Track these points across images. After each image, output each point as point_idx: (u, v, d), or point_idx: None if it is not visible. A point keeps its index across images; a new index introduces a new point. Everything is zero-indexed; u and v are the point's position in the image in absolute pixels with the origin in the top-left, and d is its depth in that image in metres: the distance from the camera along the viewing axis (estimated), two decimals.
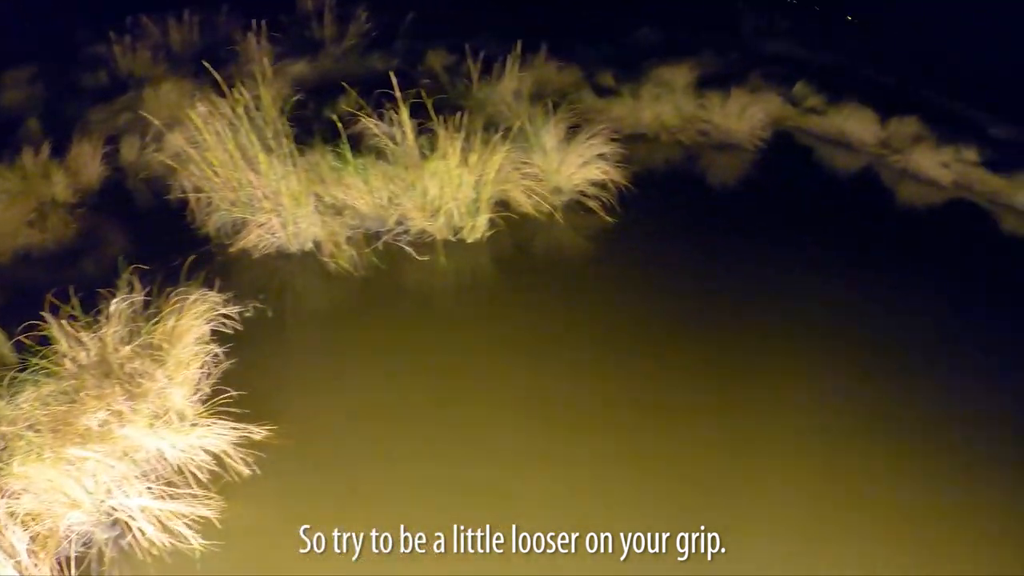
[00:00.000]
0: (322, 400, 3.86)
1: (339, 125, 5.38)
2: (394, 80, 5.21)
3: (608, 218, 5.94)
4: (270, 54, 7.39)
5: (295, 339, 4.43)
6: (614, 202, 6.04)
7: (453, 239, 5.69)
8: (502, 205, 5.96)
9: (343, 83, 6.23)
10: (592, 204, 6.04)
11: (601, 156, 6.28)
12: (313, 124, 6.03)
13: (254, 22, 7.74)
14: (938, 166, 8.46)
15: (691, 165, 7.24)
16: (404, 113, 5.48)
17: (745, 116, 7.67)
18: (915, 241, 7.12)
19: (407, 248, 5.40)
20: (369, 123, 5.73)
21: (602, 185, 6.16)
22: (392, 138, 5.66)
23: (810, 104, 8.86)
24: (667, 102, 7.66)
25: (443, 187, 5.67)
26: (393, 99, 5.34)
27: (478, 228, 5.77)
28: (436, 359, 4.32)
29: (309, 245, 5.34)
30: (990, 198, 8.81)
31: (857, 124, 8.55)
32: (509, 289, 5.21)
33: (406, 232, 5.62)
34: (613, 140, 6.35)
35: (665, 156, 7.26)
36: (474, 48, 7.12)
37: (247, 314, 4.24)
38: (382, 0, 9.26)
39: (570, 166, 6.26)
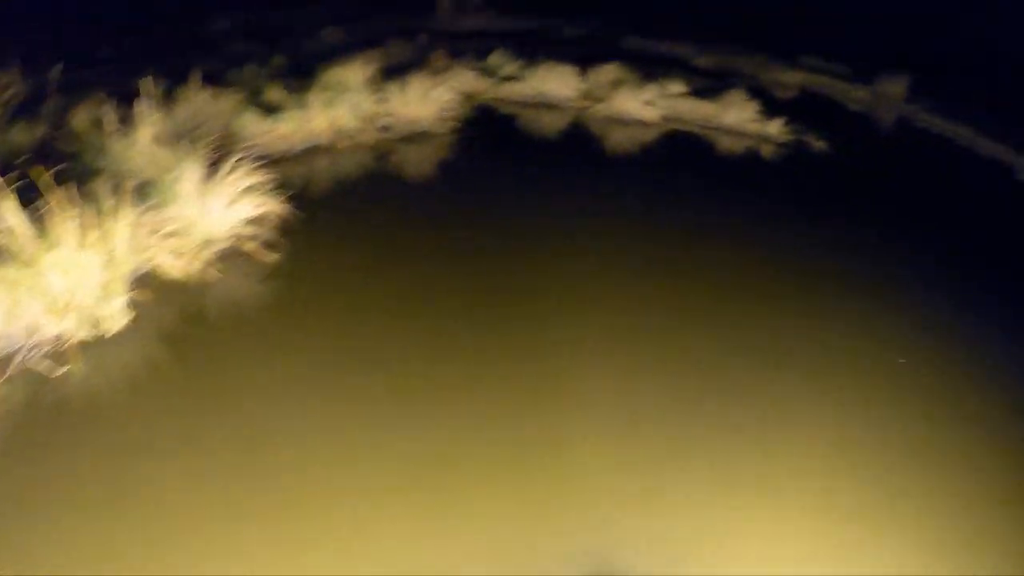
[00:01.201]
0: None
1: None
2: None
3: (271, 258, 4.89)
4: None
5: None
6: (277, 237, 5.00)
7: (92, 338, 4.36)
8: (146, 278, 4.72)
9: None
10: (251, 246, 4.96)
11: (252, 188, 5.21)
12: None
13: None
14: (642, 105, 8.34)
15: (372, 167, 6.35)
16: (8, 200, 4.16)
17: (429, 100, 6.93)
18: (630, 179, 6.84)
19: (41, 366, 4.01)
20: None
21: (261, 220, 5.10)
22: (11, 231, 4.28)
23: (507, 72, 8.38)
24: (341, 104, 6.72)
25: (68, 277, 4.38)
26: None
27: (116, 316, 4.50)
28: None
29: None
30: (701, 124, 8.90)
31: (556, 82, 8.19)
32: (153, 389, 3.96)
33: (39, 345, 4.23)
34: (269, 163, 5.30)
35: (341, 165, 6.31)
36: (122, 91, 5.80)
37: None
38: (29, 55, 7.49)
39: (216, 209, 5.14)
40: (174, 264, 4.85)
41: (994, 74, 13.97)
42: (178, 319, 4.45)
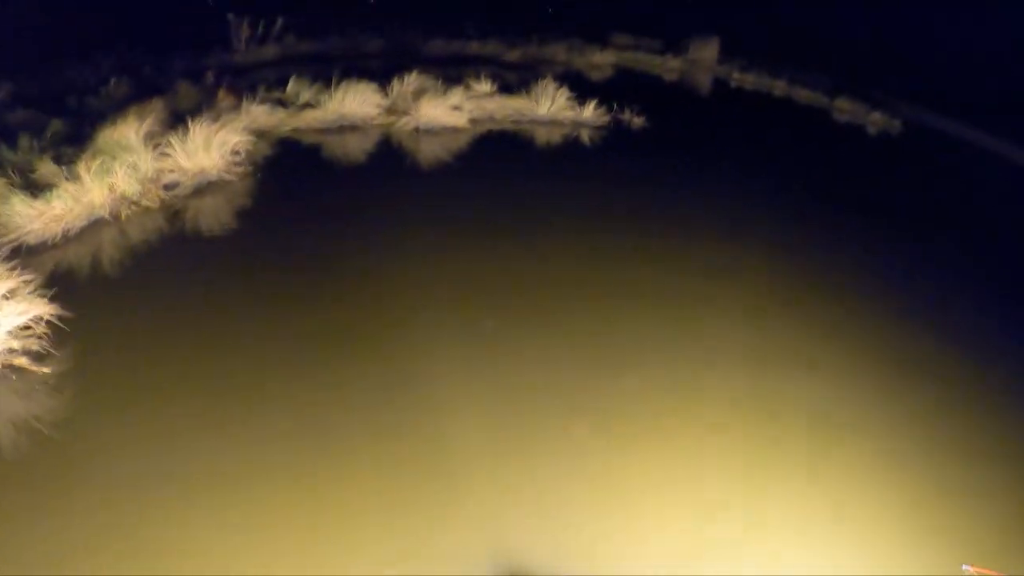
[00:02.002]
0: None
1: None
2: None
3: (45, 370, 4.30)
4: None
5: None
6: (51, 343, 4.40)
7: None
8: None
9: None
10: (21, 361, 4.34)
11: (15, 291, 4.58)
12: None
13: None
14: (450, 111, 8.26)
15: (160, 232, 5.83)
16: None
17: (216, 145, 6.49)
18: (444, 186, 6.74)
19: None
20: None
21: (29, 328, 4.46)
22: None
23: (303, 100, 8.03)
24: (118, 168, 6.14)
25: None
26: None
27: None
28: None
29: None
30: (513, 120, 8.96)
31: (357, 101, 7.94)
32: None
33: None
34: (40, 252, 4.74)
35: (125, 237, 5.75)
36: None
37: None
38: None
39: None
40: None
41: (799, 33, 15.05)
42: None
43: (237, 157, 6.59)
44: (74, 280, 4.91)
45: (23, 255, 5.06)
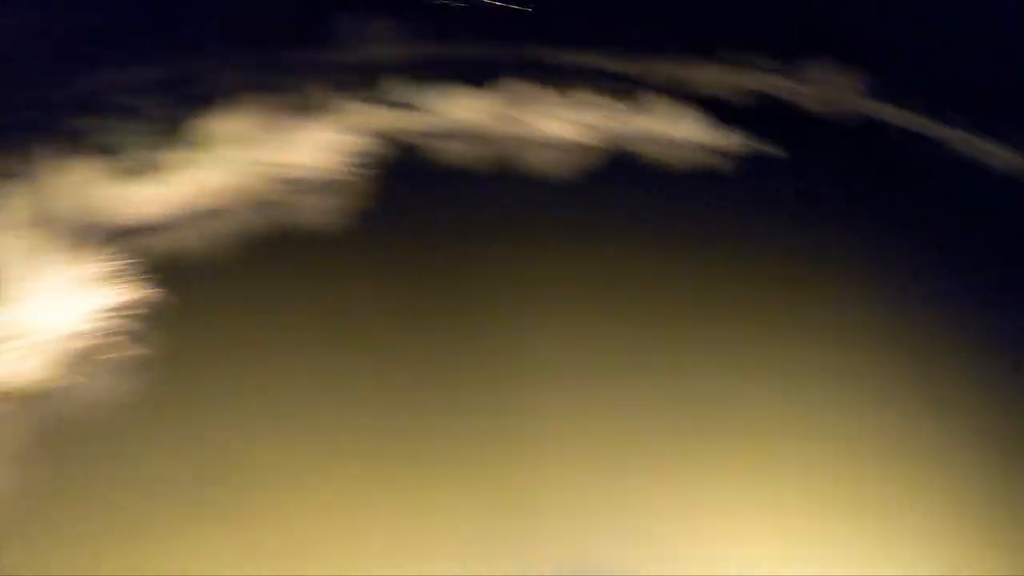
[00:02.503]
0: None
1: None
2: None
3: (139, 351, 4.03)
4: None
5: None
6: (145, 325, 4.15)
7: None
8: None
9: None
10: (115, 340, 4.10)
11: (117, 272, 4.33)
12: None
13: None
14: (567, 124, 7.74)
15: (269, 229, 5.47)
16: None
17: (327, 144, 6.18)
18: (566, 203, 6.12)
19: None
20: None
21: (126, 308, 4.21)
22: None
23: (415, 103, 7.72)
24: (223, 159, 5.87)
25: None
26: None
27: None
28: None
29: None
30: (635, 139, 8.21)
31: (467, 107, 7.61)
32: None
33: None
34: (139, 235, 4.53)
35: (233, 230, 5.40)
36: None
37: None
38: None
39: (71, 302, 4.23)
40: (20, 372, 3.95)
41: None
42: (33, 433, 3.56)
43: (351, 157, 6.21)
44: (177, 265, 4.53)
45: (128, 237, 4.81)
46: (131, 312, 4.21)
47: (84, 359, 4.03)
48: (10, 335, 4.11)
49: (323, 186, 5.99)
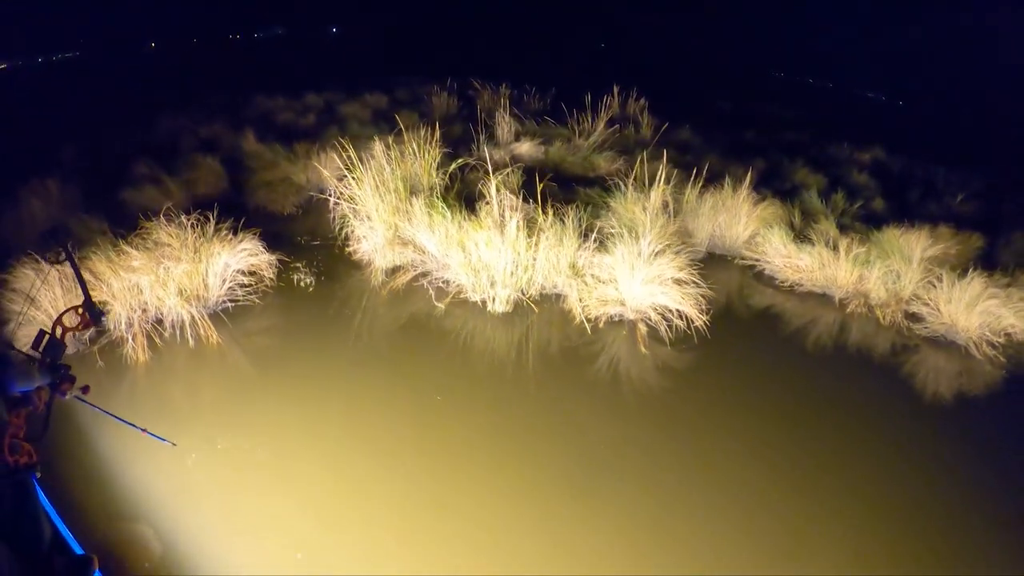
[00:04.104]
0: None
1: None
2: None
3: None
4: None
5: None
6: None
7: None
8: None
9: None
10: None
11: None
12: None
13: None
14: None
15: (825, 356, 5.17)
16: None
17: (985, 311, 5.40)
18: None
19: None
20: None
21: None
22: None
23: None
24: (879, 269, 5.77)
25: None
26: None
27: None
28: None
29: None
30: None
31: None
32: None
33: None
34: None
35: (828, 325, 5.31)
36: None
37: None
38: None
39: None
40: None
41: None
42: None
43: (1003, 337, 5.31)
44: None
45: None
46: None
47: None
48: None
49: (948, 347, 5.33)
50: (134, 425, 3.05)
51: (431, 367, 4.37)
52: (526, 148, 8.15)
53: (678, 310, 4.96)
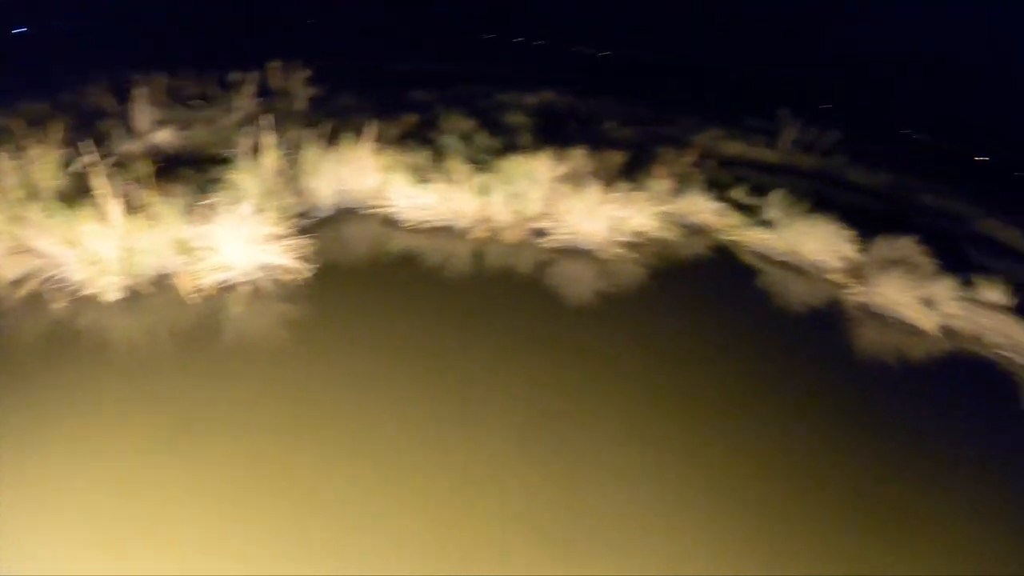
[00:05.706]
0: None
1: None
2: None
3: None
4: None
5: None
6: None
7: None
8: None
9: None
10: None
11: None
12: None
13: None
14: (918, 304, 5.89)
15: (494, 272, 5.20)
16: None
17: (606, 216, 5.65)
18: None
19: None
20: None
21: None
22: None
23: (761, 215, 6.66)
24: (501, 194, 5.79)
25: None
26: None
27: None
28: None
29: None
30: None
31: (820, 243, 6.30)
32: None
33: None
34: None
35: (472, 259, 5.29)
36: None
37: None
38: None
39: None
40: None
41: None
42: None
43: (631, 237, 5.64)
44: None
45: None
46: None
47: None
48: None
49: (576, 255, 5.56)
50: None
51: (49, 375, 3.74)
52: (165, 135, 7.46)
53: (281, 265, 4.70)
